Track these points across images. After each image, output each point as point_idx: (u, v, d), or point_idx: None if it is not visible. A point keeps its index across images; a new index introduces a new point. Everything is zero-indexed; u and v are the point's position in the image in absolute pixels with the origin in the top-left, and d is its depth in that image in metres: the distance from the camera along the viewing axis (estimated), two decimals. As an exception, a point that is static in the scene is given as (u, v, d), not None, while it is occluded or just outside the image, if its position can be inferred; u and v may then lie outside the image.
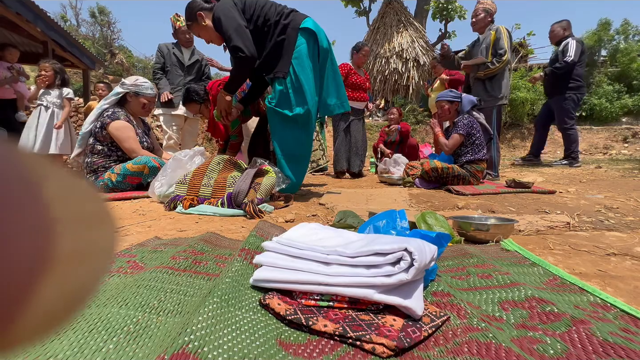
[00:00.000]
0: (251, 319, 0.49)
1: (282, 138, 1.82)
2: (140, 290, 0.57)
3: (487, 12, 2.97)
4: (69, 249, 0.10)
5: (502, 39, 2.84)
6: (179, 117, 3.19)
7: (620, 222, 1.40)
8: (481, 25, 3.02)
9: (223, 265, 0.74)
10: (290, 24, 1.72)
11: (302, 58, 1.71)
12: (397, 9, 9.71)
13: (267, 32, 1.74)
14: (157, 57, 3.14)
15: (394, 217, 0.79)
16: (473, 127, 2.47)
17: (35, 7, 3.95)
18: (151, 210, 1.57)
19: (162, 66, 3.09)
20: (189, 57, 3.15)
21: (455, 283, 0.68)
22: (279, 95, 1.76)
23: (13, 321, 0.09)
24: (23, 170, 0.10)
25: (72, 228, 0.11)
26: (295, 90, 1.74)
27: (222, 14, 1.67)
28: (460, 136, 2.47)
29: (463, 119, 2.51)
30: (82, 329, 0.45)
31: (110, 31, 16.39)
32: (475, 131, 2.48)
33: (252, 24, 1.72)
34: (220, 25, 1.68)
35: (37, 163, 0.10)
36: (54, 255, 0.10)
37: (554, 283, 0.67)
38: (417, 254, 0.50)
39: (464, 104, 2.59)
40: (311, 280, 0.54)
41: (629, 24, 12.31)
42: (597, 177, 3.19)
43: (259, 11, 1.73)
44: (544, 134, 4.28)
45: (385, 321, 0.48)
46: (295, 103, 1.75)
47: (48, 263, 0.10)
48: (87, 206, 0.12)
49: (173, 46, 3.12)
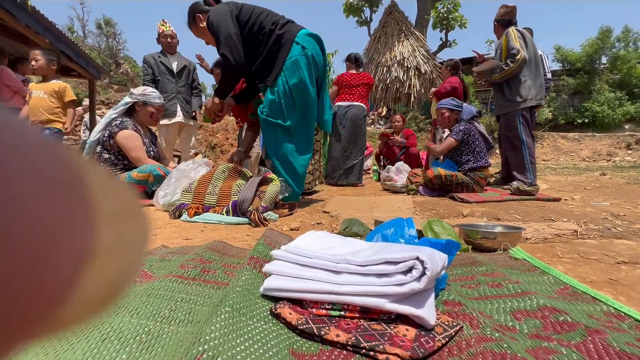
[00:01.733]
0: (263, 328, 0.48)
1: (277, 147, 1.81)
2: (151, 300, 0.57)
3: (495, 23, 2.95)
4: (108, 241, 0.11)
5: (511, 40, 2.74)
6: (174, 125, 3.15)
7: (628, 230, 1.39)
8: (498, 36, 2.99)
9: (232, 274, 0.73)
10: (285, 34, 1.72)
11: (296, 69, 1.70)
12: (397, 19, 9.84)
13: (261, 41, 1.74)
14: (145, 69, 3.06)
15: (402, 225, 0.79)
16: (470, 134, 2.47)
17: (45, 19, 4.04)
18: (156, 218, 1.57)
19: (151, 77, 3.03)
20: (176, 63, 3.14)
21: (465, 292, 0.67)
22: (270, 104, 1.76)
23: (62, 305, 0.10)
24: (75, 168, 0.10)
25: (111, 222, 0.12)
26: (287, 101, 1.74)
27: (216, 19, 1.69)
28: (455, 141, 2.47)
29: (459, 125, 2.53)
30: (94, 338, 0.45)
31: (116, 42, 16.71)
32: (474, 139, 2.48)
33: (247, 30, 1.73)
34: (212, 29, 1.71)
35: (82, 161, 0.11)
36: (97, 247, 0.11)
37: (566, 292, 0.66)
38: (429, 262, 0.50)
39: (463, 114, 2.61)
40: (322, 290, 0.54)
41: (630, 30, 12.41)
42: (602, 184, 3.18)
43: (255, 19, 1.73)
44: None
45: (398, 331, 0.47)
46: (287, 113, 1.74)
47: (92, 253, 0.10)
48: (123, 202, 0.13)
49: (159, 55, 3.10)
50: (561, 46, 12.54)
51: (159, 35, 3.12)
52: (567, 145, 9.42)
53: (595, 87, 11.38)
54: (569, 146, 9.37)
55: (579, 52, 12.16)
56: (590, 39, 12.09)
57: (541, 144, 9.44)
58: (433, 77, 8.94)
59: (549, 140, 9.67)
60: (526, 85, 2.76)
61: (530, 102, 2.76)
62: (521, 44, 2.69)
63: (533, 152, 2.83)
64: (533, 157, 2.81)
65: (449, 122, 2.67)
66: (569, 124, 10.98)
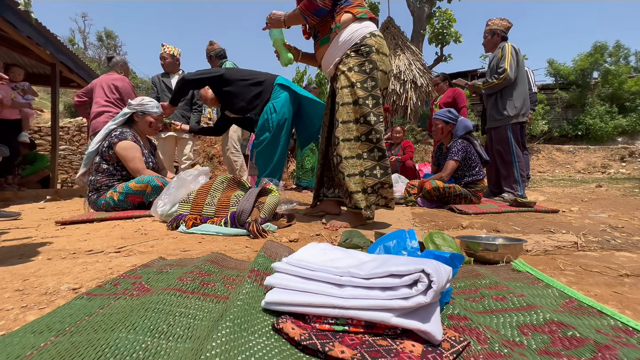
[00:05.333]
0: (265, 344, 0.47)
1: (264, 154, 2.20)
2: (148, 314, 0.55)
3: (493, 33, 3.07)
4: None
5: (504, 57, 2.88)
6: (169, 139, 3.38)
7: (627, 242, 1.39)
8: (490, 46, 3.12)
9: (232, 287, 0.72)
10: (266, 81, 2.22)
11: (279, 103, 2.13)
12: (394, 33, 10.07)
13: (250, 86, 2.25)
14: (152, 88, 3.50)
15: (404, 237, 0.78)
16: (468, 151, 2.51)
17: (47, 31, 4.09)
18: (153, 229, 1.55)
19: (155, 96, 3.42)
20: (175, 80, 3.41)
21: (470, 306, 0.66)
22: (261, 127, 2.16)
23: None
24: None
25: None
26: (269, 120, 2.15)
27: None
28: (455, 162, 2.50)
29: (457, 143, 2.54)
30: (90, 356, 0.43)
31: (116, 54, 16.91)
32: (471, 154, 2.52)
33: (241, 81, 2.27)
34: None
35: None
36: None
37: (571, 306, 0.65)
38: (435, 275, 0.49)
39: (457, 128, 2.63)
40: (325, 303, 0.53)
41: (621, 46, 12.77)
42: (598, 196, 3.20)
43: (246, 74, 2.30)
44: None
45: (404, 347, 0.46)
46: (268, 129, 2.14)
47: None
48: None
49: (162, 74, 3.49)
50: (554, 60, 12.85)
51: (160, 57, 3.50)
52: (562, 157, 9.53)
53: (588, 100, 11.62)
54: (564, 158, 9.47)
55: (571, 66, 12.46)
56: (582, 54, 12.41)
57: (537, 156, 9.54)
58: (429, 90, 9.09)
59: (544, 153, 9.78)
60: (519, 100, 2.90)
61: (521, 117, 2.91)
62: (512, 63, 2.85)
63: (523, 165, 2.94)
64: (523, 171, 2.92)
65: (442, 134, 2.71)
66: (563, 137, 11.14)
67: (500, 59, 2.90)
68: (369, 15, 1.69)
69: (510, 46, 2.90)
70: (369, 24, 1.67)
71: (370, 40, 1.61)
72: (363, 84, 1.58)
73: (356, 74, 1.59)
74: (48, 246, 1.24)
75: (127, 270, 0.84)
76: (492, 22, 3.10)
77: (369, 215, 1.58)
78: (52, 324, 0.54)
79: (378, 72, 1.61)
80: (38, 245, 1.26)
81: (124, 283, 0.74)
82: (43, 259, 1.06)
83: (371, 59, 1.60)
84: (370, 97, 1.58)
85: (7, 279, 0.82)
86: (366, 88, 1.58)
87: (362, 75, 1.59)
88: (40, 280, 0.81)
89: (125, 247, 1.22)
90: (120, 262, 0.97)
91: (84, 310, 0.60)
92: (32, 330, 0.52)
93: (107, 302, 0.63)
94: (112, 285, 0.73)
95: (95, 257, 1.08)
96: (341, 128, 1.60)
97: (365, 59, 1.60)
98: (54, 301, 0.69)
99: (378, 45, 1.63)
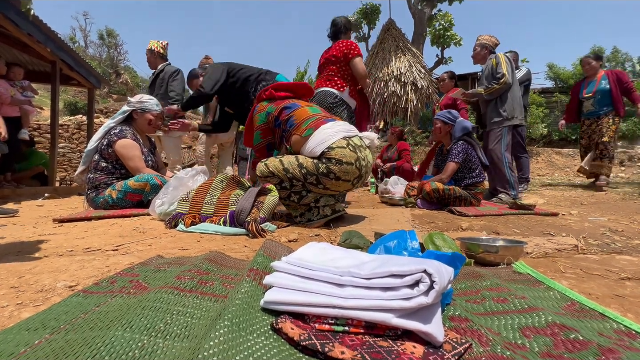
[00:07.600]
0: (264, 344, 0.46)
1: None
2: (145, 312, 0.54)
3: (483, 47, 3.27)
4: None
5: (500, 64, 3.05)
6: (179, 138, 3.39)
7: (627, 246, 1.39)
8: (479, 58, 3.31)
9: (230, 286, 0.71)
10: (267, 74, 2.37)
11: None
12: (395, 36, 10.07)
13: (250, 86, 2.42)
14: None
15: (405, 238, 0.78)
16: (468, 153, 2.53)
17: (47, 28, 4.07)
18: (151, 228, 1.54)
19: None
20: (155, 75, 3.39)
21: (471, 307, 0.65)
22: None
23: None
24: None
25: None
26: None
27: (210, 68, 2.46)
28: (456, 164, 2.51)
29: (457, 145, 2.55)
30: (84, 354, 0.42)
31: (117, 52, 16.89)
32: (471, 157, 2.53)
33: (239, 81, 2.42)
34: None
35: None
36: None
37: (573, 308, 0.65)
38: (437, 275, 0.48)
39: (455, 129, 2.64)
40: (325, 303, 0.52)
41: (619, 51, 12.81)
42: (598, 199, 3.19)
43: (240, 73, 2.43)
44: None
45: (405, 348, 0.45)
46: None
47: None
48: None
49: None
50: (554, 64, 12.88)
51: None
52: (562, 160, 9.54)
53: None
54: (563, 162, 9.49)
55: (571, 70, 12.49)
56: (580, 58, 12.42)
57: (536, 159, 9.55)
58: (429, 92, 9.10)
59: (543, 156, 9.80)
60: (514, 104, 3.08)
61: (515, 120, 3.08)
62: (508, 69, 3.03)
63: (512, 166, 3.09)
64: (513, 171, 3.09)
65: (440, 134, 2.75)
66: (562, 140, 11.16)
67: (496, 66, 3.07)
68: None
69: (503, 54, 3.10)
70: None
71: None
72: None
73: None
74: (45, 244, 1.23)
75: (125, 268, 0.84)
76: (483, 37, 3.32)
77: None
78: (47, 322, 0.53)
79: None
80: (35, 242, 1.25)
81: (121, 281, 0.73)
82: (40, 256, 1.05)
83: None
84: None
85: (3, 276, 0.81)
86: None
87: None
88: (36, 277, 0.80)
89: (123, 245, 1.21)
90: (118, 260, 0.97)
91: (80, 307, 0.59)
92: (26, 328, 0.51)
93: (103, 299, 0.62)
94: (109, 282, 0.72)
95: (93, 254, 1.07)
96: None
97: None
98: (49, 298, 0.68)
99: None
